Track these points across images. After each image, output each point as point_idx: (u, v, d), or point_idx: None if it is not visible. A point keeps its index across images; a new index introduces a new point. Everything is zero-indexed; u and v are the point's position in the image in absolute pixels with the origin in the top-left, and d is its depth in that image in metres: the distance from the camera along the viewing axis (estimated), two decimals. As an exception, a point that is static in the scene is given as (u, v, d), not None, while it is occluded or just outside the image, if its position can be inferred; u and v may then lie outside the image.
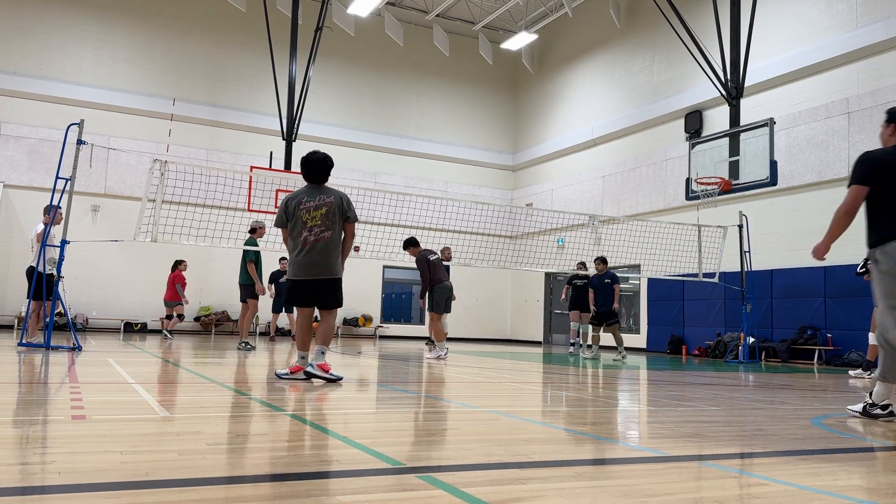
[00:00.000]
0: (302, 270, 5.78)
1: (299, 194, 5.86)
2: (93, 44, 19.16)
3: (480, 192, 23.39)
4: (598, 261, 12.76)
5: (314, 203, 5.78)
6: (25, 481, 2.23)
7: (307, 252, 5.75)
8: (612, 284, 12.44)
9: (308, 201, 5.78)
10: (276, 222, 5.95)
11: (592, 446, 3.37)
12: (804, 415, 4.89)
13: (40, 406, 3.99)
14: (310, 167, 5.90)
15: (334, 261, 5.82)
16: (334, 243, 5.81)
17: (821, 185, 14.26)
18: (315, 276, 5.76)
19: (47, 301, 9.31)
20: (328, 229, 5.76)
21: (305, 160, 5.93)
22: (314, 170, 5.89)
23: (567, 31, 22.34)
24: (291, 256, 5.85)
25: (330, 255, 5.78)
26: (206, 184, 13.90)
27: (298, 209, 5.77)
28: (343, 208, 5.81)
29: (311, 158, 5.92)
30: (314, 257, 5.74)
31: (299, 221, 5.76)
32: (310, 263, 5.75)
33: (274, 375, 6.21)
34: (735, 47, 13.88)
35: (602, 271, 12.64)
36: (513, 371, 8.67)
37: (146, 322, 18.77)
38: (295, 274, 5.82)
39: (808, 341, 13.79)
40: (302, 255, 5.76)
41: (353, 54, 22.07)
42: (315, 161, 5.90)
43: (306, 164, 5.92)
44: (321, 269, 5.76)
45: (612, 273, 12.71)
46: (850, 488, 2.54)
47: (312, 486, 2.29)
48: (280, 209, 5.88)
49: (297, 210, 5.78)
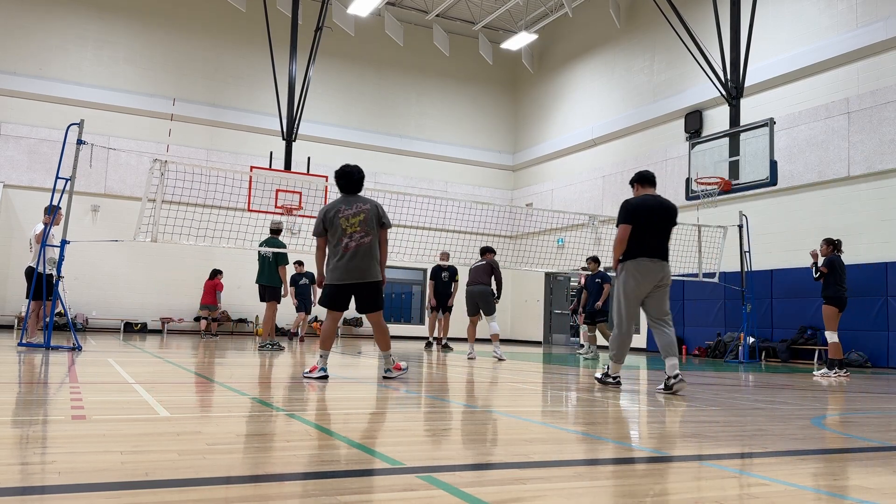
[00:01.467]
0: (345, 275, 6.01)
1: (336, 204, 6.15)
2: (93, 44, 19.16)
3: (480, 192, 23.39)
4: (590, 260, 12.89)
5: (352, 211, 6.07)
6: (25, 481, 2.24)
7: (350, 257, 5.99)
8: (601, 284, 12.63)
9: (346, 209, 6.07)
10: (314, 232, 6.22)
11: (592, 446, 3.36)
12: (804, 415, 4.89)
13: (40, 406, 3.99)
14: (346, 178, 6.23)
15: (375, 265, 6.10)
16: (374, 248, 6.09)
17: (821, 185, 14.27)
18: (357, 279, 6.02)
19: (47, 301, 9.31)
20: (367, 234, 6.04)
21: (341, 173, 6.25)
22: (350, 181, 6.22)
23: (567, 31, 22.34)
24: (331, 262, 6.09)
25: (371, 259, 6.06)
26: (206, 184, 13.90)
27: (337, 217, 6.04)
28: (378, 215, 6.14)
29: (346, 171, 6.25)
30: (357, 262, 6.00)
31: (339, 229, 6.02)
32: (353, 268, 6.00)
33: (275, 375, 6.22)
34: (735, 47, 13.88)
35: (594, 271, 12.79)
36: (513, 371, 8.67)
37: (146, 322, 18.77)
38: (338, 278, 6.03)
39: (808, 341, 13.79)
40: (344, 260, 6.00)
41: (353, 54, 22.08)
42: (350, 173, 6.23)
43: (343, 177, 6.24)
44: (364, 272, 6.03)
45: (604, 273, 12.88)
46: (850, 488, 2.54)
47: (313, 486, 2.29)
48: (318, 220, 6.16)
49: (335, 219, 6.04)
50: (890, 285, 12.86)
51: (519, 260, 18.56)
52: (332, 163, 21.08)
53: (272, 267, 11.04)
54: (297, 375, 6.73)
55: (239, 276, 18.59)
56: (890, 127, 13.11)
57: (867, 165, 13.41)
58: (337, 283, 6.04)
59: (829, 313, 9.42)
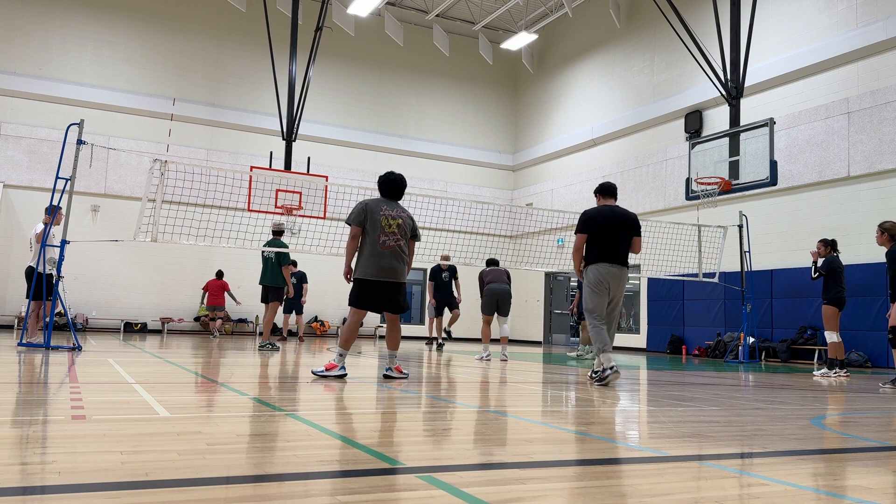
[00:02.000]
0: (379, 272, 6.13)
1: (379, 202, 6.31)
2: (93, 44, 19.16)
3: (480, 191, 23.39)
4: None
5: (393, 213, 6.26)
6: (25, 481, 2.24)
7: (387, 256, 6.15)
8: None
9: (387, 210, 6.25)
10: (353, 220, 6.21)
11: (592, 446, 3.36)
12: (804, 415, 4.89)
13: (40, 406, 3.99)
14: (391, 185, 6.39)
15: (405, 268, 6.31)
16: (405, 253, 6.30)
17: (821, 185, 14.27)
18: (390, 278, 6.18)
19: (47, 301, 9.31)
20: (401, 239, 6.25)
21: (387, 179, 6.40)
22: (394, 187, 6.40)
23: (567, 31, 22.34)
24: (364, 256, 6.16)
25: (403, 262, 6.27)
26: (206, 184, 13.90)
27: (379, 213, 6.19)
28: (413, 227, 6.39)
29: (391, 178, 6.41)
30: (392, 262, 6.17)
31: (378, 224, 6.16)
32: (388, 267, 6.16)
33: (277, 376, 6.21)
34: (735, 47, 13.88)
35: None
36: (513, 371, 8.67)
37: (146, 322, 18.77)
38: (372, 274, 6.13)
39: (808, 341, 13.79)
40: (380, 257, 6.11)
41: (353, 54, 22.07)
42: (395, 180, 6.40)
43: (387, 182, 6.40)
44: (396, 273, 6.21)
45: None
46: (850, 488, 2.54)
47: (312, 486, 2.29)
48: (359, 210, 6.20)
49: (377, 214, 6.18)
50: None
51: (519, 260, 18.56)
52: (332, 163, 21.33)
53: (275, 268, 11.07)
54: (297, 375, 6.73)
55: (239, 276, 18.59)
56: (890, 127, 13.11)
57: (867, 165, 13.41)
58: (370, 278, 6.12)
59: (828, 314, 9.43)
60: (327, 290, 19.99)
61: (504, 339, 11.02)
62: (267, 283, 11.12)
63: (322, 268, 18.78)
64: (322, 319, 20.44)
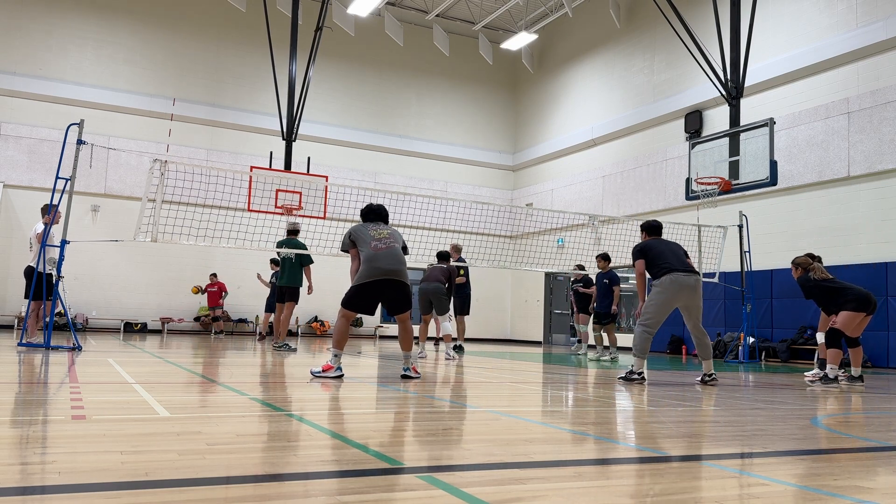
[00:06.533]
0: (375, 272, 6.12)
1: (365, 225, 6.49)
2: (93, 44, 19.16)
3: (480, 191, 23.39)
4: (599, 258, 12.34)
5: (380, 228, 6.42)
6: (25, 481, 2.24)
7: (382, 257, 6.16)
8: (609, 286, 12.12)
9: (373, 228, 6.41)
10: (345, 245, 6.44)
11: (592, 446, 3.37)
12: (804, 415, 4.89)
13: (40, 406, 3.99)
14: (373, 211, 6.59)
15: (405, 269, 6.31)
16: (402, 254, 6.35)
17: (821, 185, 14.27)
18: (389, 276, 6.15)
19: (47, 301, 9.31)
20: (395, 243, 6.33)
21: (369, 208, 6.61)
22: (377, 213, 6.59)
23: (567, 31, 22.34)
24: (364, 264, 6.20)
25: (402, 263, 6.30)
26: (206, 184, 13.88)
27: (366, 230, 6.35)
28: (402, 240, 6.48)
29: (372, 207, 6.62)
30: (391, 261, 6.18)
31: (368, 237, 6.28)
32: (385, 266, 6.14)
33: (276, 376, 6.21)
34: (735, 47, 13.88)
35: (604, 269, 12.26)
36: (513, 371, 8.67)
37: (146, 322, 18.77)
38: (367, 276, 6.13)
39: (808, 341, 13.78)
40: (375, 259, 6.13)
41: (353, 54, 22.07)
42: (377, 208, 6.62)
43: (371, 211, 6.60)
44: (397, 272, 6.20)
45: (613, 273, 12.37)
46: (850, 488, 2.54)
47: (312, 486, 2.29)
48: (346, 235, 6.42)
49: (363, 231, 6.34)
50: (890, 285, 12.85)
51: (519, 260, 18.57)
52: (332, 163, 21.32)
53: (294, 268, 10.96)
54: (296, 376, 6.73)
55: (239, 276, 18.59)
56: (890, 127, 13.11)
57: (867, 165, 13.41)
58: (365, 281, 6.11)
59: (824, 318, 9.39)
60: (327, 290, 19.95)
61: (447, 337, 10.72)
62: (284, 283, 11.05)
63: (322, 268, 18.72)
64: (322, 319, 20.44)
